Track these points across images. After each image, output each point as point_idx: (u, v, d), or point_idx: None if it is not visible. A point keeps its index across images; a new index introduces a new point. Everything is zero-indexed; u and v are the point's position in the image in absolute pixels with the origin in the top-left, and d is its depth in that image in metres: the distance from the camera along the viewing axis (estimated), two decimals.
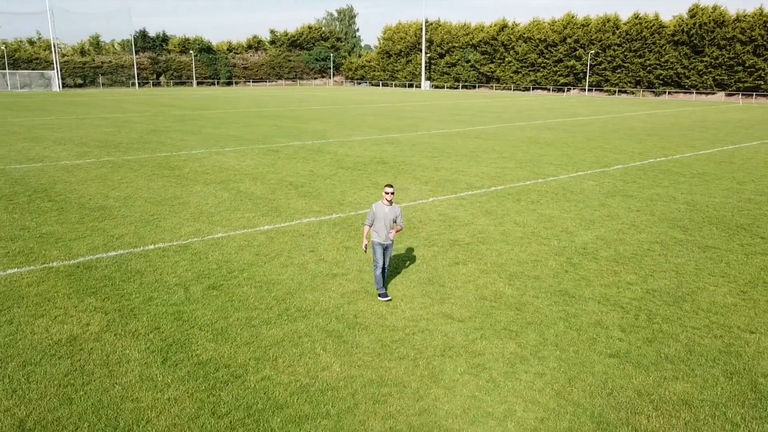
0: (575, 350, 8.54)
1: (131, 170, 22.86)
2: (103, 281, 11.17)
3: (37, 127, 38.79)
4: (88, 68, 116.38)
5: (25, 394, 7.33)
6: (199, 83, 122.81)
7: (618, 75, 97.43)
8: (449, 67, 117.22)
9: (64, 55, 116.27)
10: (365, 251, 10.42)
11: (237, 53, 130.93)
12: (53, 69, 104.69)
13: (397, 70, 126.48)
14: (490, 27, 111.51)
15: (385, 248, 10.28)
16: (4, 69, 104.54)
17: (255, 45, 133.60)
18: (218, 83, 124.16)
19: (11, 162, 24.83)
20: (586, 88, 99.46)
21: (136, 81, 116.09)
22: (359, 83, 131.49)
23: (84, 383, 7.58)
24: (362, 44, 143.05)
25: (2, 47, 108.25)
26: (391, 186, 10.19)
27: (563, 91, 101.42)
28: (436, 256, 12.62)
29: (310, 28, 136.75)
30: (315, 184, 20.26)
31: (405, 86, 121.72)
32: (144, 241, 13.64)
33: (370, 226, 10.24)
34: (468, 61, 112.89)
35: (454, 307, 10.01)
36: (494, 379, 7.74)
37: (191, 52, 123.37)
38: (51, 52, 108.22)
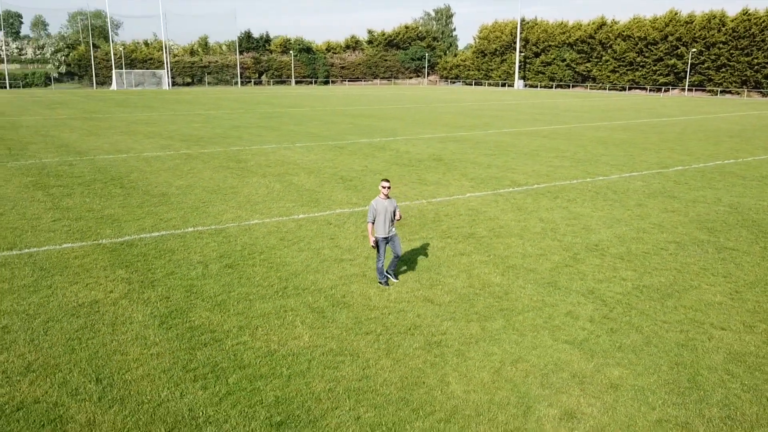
0: (534, 336, 8.98)
1: (202, 162, 24.67)
2: (138, 257, 12.57)
3: (136, 122, 42.01)
4: (196, 68, 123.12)
5: (39, 344, 8.68)
6: (297, 82, 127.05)
7: (722, 74, 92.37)
8: (544, 66, 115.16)
9: (175, 56, 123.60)
10: (373, 247, 11.07)
11: (335, 53, 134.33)
12: (164, 68, 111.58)
13: (491, 69, 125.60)
14: (588, 25, 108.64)
15: (390, 240, 10.89)
16: (122, 69, 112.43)
17: (353, 45, 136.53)
18: (316, 82, 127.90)
19: (102, 153, 27.35)
20: (686, 87, 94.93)
21: (239, 80, 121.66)
22: (453, 82, 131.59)
23: (88, 338, 8.85)
24: (458, 43, 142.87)
25: (121, 48, 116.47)
26: (387, 180, 10.91)
27: (662, 91, 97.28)
28: (445, 248, 13.21)
29: (407, 27, 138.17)
30: (364, 178, 21.19)
31: (498, 86, 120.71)
32: (186, 224, 15.04)
33: (373, 223, 10.82)
34: (563, 60, 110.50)
35: (438, 293, 10.62)
36: (443, 355, 8.36)
37: (291, 52, 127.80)
38: (163, 52, 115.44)
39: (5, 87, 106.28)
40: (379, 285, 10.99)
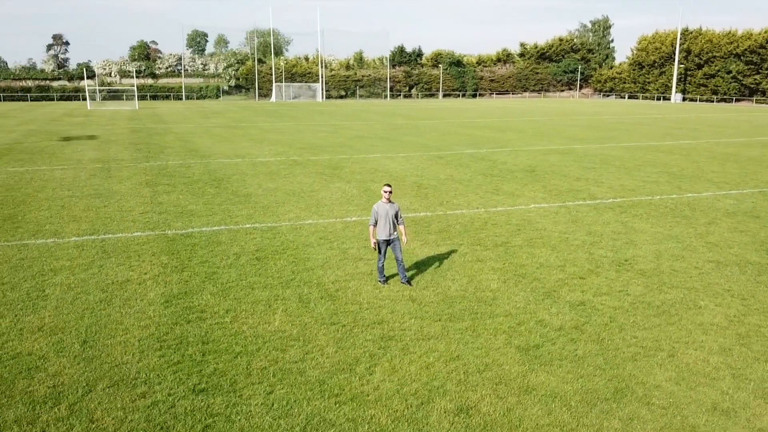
0: (488, 338, 9.15)
1: (302, 168, 26.38)
2: (187, 246, 14.10)
3: (271, 131, 45.25)
4: (350, 81, 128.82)
5: (61, 310, 10.25)
6: (445, 95, 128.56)
7: None
8: (707, 78, 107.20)
9: (332, 70, 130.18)
10: (374, 249, 11.65)
11: (485, 66, 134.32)
12: (319, 82, 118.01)
13: (648, 82, 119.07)
14: (760, 34, 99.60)
15: (391, 243, 11.42)
16: (281, 82, 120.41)
17: (504, 58, 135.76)
18: (464, 95, 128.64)
19: (221, 157, 30.06)
20: None
21: (388, 93, 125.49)
22: (607, 96, 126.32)
23: (100, 309, 10.31)
24: (615, 55, 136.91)
25: (282, 63, 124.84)
26: (389, 185, 11.48)
27: None
28: (468, 254, 13.45)
29: (561, 40, 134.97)
30: (440, 187, 21.64)
31: (655, 99, 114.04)
32: (248, 221, 16.47)
33: (375, 226, 11.40)
34: (729, 72, 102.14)
35: (427, 294, 11.00)
36: (387, 348, 8.81)
37: (440, 65, 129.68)
38: (323, 68, 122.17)
39: (181, 98, 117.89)
40: (378, 283, 11.51)
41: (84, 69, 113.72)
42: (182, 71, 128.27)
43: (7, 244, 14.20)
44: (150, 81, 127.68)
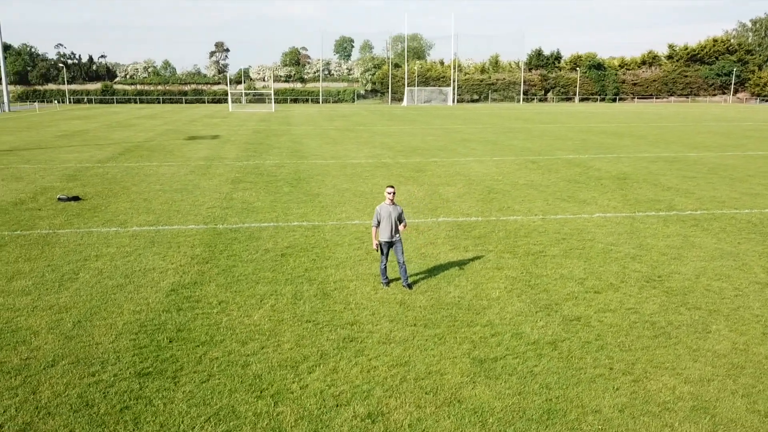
0: (449, 347, 8.87)
1: (386, 170, 26.68)
2: (227, 240, 14.82)
3: (382, 134, 46.04)
4: (483, 85, 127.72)
5: (80, 292, 11.20)
6: (582, 99, 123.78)
7: None
8: None
9: (466, 74, 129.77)
10: (376, 250, 11.64)
11: (628, 69, 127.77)
12: (451, 86, 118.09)
13: None
14: None
15: (393, 245, 11.36)
16: (416, 86, 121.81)
17: (649, 60, 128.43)
18: (603, 99, 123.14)
19: (318, 158, 31.09)
20: None
21: (521, 96, 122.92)
22: (765, 100, 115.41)
23: (112, 293, 11.15)
24: None
25: (416, 67, 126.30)
26: (392, 187, 11.43)
27: None
28: (489, 261, 13.04)
29: (715, 40, 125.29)
30: (513, 192, 21.06)
31: None
32: (299, 219, 17.00)
33: (377, 227, 11.34)
34: None
35: (421, 299, 10.83)
36: (344, 348, 8.81)
37: (578, 68, 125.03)
38: (456, 71, 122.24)
39: (318, 102, 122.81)
40: (381, 285, 11.49)
41: (225, 74, 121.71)
42: (320, 76, 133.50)
43: (76, 231, 15.66)
44: (298, 85, 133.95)
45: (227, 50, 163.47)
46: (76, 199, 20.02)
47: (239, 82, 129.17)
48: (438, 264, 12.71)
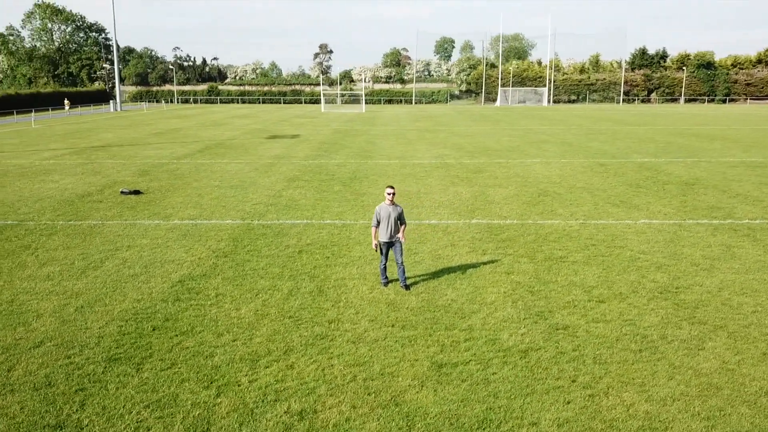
0: (415, 349, 8.77)
1: (444, 171, 26.50)
2: (255, 236, 15.24)
3: (459, 134, 45.66)
4: (582, 85, 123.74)
5: (95, 281, 11.89)
6: (689, 100, 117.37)
7: None
8: None
9: (564, 74, 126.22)
10: (376, 250, 11.58)
11: (742, 68, 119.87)
12: (545, 86, 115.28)
13: None
14: None
15: (392, 245, 11.29)
16: (513, 87, 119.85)
17: (766, 59, 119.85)
18: (712, 100, 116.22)
19: (383, 158, 31.29)
20: None
21: (621, 97, 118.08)
22: None
23: (125, 282, 11.76)
24: None
25: (511, 68, 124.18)
26: (392, 187, 11.40)
27: None
28: (503, 265, 12.72)
29: None
30: (565, 195, 20.41)
31: None
32: (333, 217, 17.23)
33: (377, 227, 11.31)
34: None
35: (411, 300, 10.75)
36: (311, 345, 8.90)
37: (685, 68, 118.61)
38: (552, 71, 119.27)
39: (411, 102, 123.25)
40: (381, 284, 11.49)
41: (327, 75, 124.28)
42: (414, 77, 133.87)
43: (122, 222, 16.61)
44: (398, 86, 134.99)
45: (330, 52, 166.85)
46: (136, 192, 21.17)
47: (339, 83, 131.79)
48: (448, 266, 12.52)
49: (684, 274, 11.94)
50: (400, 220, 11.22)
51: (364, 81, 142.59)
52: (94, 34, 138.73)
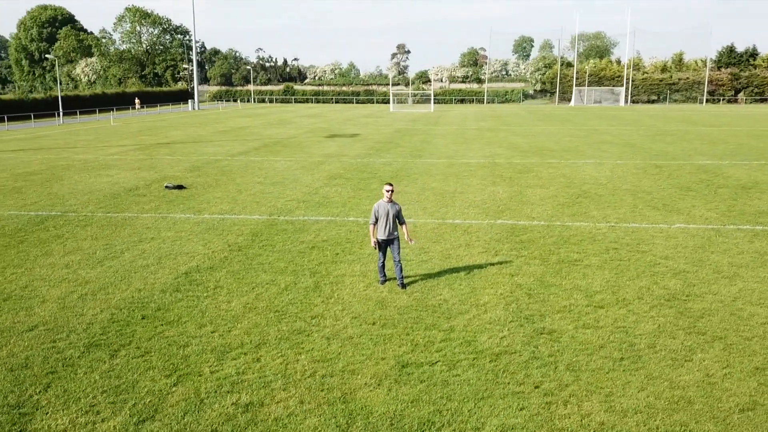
0: (383, 348, 8.69)
1: (489, 170, 26.09)
2: (276, 231, 15.48)
3: (519, 134, 44.84)
4: (663, 85, 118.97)
5: (107, 270, 12.38)
6: None
7: None
8: None
9: (644, 73, 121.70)
10: (374, 248, 11.51)
11: None
12: (623, 86, 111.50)
13: None
14: None
15: (390, 243, 11.17)
16: (589, 86, 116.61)
17: None
18: None
19: (433, 157, 31.12)
20: None
21: (705, 97, 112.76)
22: None
23: (135, 272, 12.17)
24: None
25: (587, 67, 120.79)
26: (390, 184, 11.32)
27: None
28: (511, 267, 12.42)
29: None
30: (606, 196, 19.73)
31: None
32: (357, 215, 17.26)
33: (375, 224, 11.22)
34: None
35: (402, 299, 10.64)
36: (285, 339, 8.97)
37: None
38: (630, 70, 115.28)
39: (482, 102, 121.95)
40: (378, 283, 11.44)
41: (404, 75, 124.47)
42: (486, 76, 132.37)
43: (155, 215, 17.22)
44: (475, 86, 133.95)
45: (408, 52, 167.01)
46: (180, 187, 21.87)
47: (411, 84, 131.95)
48: (454, 266, 12.32)
49: (701, 282, 11.28)
50: (399, 218, 11.10)
51: (440, 81, 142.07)
52: (179, 36, 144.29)
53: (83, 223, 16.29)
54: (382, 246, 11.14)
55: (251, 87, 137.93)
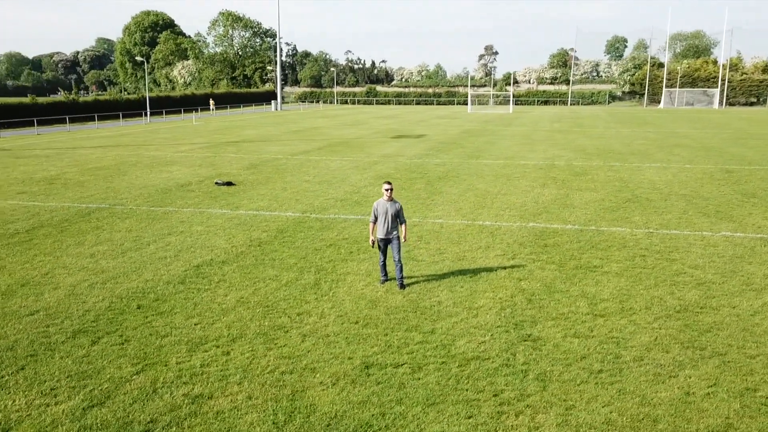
0: (353, 348, 8.58)
1: (544, 172, 25.36)
2: (300, 229, 15.61)
3: (590, 136, 43.36)
4: (764, 86, 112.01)
5: (127, 260, 12.85)
6: None
7: None
8: None
9: (743, 74, 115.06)
10: (372, 246, 11.37)
11: None
12: (717, 87, 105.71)
13: None
14: None
15: (389, 242, 10.99)
16: (681, 87, 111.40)
17: None
18: None
19: (490, 158, 30.59)
20: None
21: None
22: None
23: (151, 262, 12.56)
24: None
25: (679, 67, 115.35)
26: (389, 183, 11.17)
27: None
28: (520, 270, 12.01)
29: None
30: (655, 202, 18.78)
31: None
32: None
33: (374, 223, 11.08)
34: None
35: (396, 300, 10.48)
36: (262, 334, 9.01)
37: None
38: (727, 70, 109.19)
39: (566, 104, 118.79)
40: (380, 281, 11.34)
41: (491, 77, 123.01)
42: (579, 77, 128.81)
43: (194, 210, 17.75)
44: (563, 87, 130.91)
45: (496, 53, 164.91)
46: (229, 184, 22.45)
47: (493, 85, 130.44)
48: (464, 267, 12.03)
49: (723, 293, 10.49)
50: (399, 217, 10.92)
51: (528, 82, 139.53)
52: (268, 39, 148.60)
53: (124, 216, 16.96)
54: (381, 245, 10.99)
55: (334, 89, 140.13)
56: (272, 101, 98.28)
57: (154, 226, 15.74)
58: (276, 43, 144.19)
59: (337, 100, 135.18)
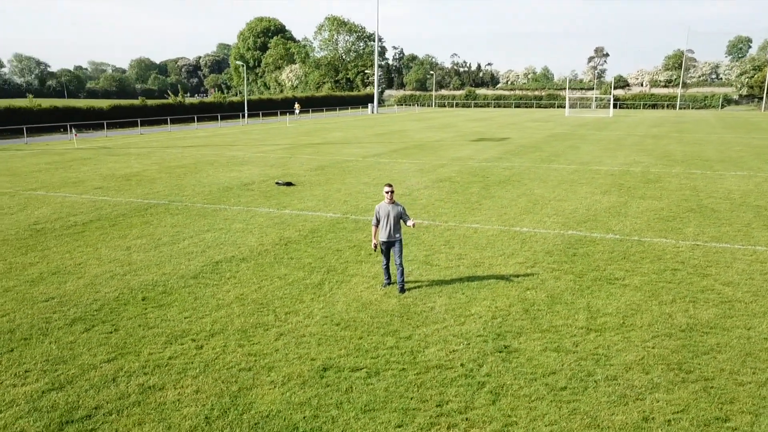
0: (324, 348, 8.62)
1: (614, 179, 24.29)
2: (333, 230, 15.78)
3: (685, 141, 41.01)
4: None
5: (147, 256, 13.51)
6: None
7: None
8: None
9: None
10: (374, 250, 11.27)
11: None
12: None
13: None
14: None
15: (391, 245, 10.92)
16: None
17: None
18: None
19: (565, 162, 29.62)
20: None
21: None
22: None
23: (171, 257, 13.15)
24: None
25: None
26: (389, 185, 11.08)
27: None
28: (536, 279, 11.60)
29: None
30: (719, 213, 17.54)
31: None
32: (428, 218, 17.07)
33: (377, 226, 10.99)
34: None
35: (391, 303, 10.40)
36: (246, 332, 9.26)
37: None
38: None
39: (674, 107, 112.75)
40: (383, 284, 11.31)
41: (601, 80, 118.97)
42: (688, 80, 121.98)
43: (243, 208, 18.37)
44: (678, 90, 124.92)
45: (606, 55, 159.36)
46: (289, 184, 23.02)
47: (594, 88, 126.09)
48: (473, 275, 11.77)
49: (743, 314, 9.66)
50: (403, 219, 10.82)
51: (641, 85, 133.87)
52: (372, 43, 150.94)
53: (175, 212, 17.76)
54: (383, 248, 10.91)
55: (433, 92, 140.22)
56: (368, 104, 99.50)
57: (198, 222, 16.38)
58: (379, 47, 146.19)
59: (435, 103, 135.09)
